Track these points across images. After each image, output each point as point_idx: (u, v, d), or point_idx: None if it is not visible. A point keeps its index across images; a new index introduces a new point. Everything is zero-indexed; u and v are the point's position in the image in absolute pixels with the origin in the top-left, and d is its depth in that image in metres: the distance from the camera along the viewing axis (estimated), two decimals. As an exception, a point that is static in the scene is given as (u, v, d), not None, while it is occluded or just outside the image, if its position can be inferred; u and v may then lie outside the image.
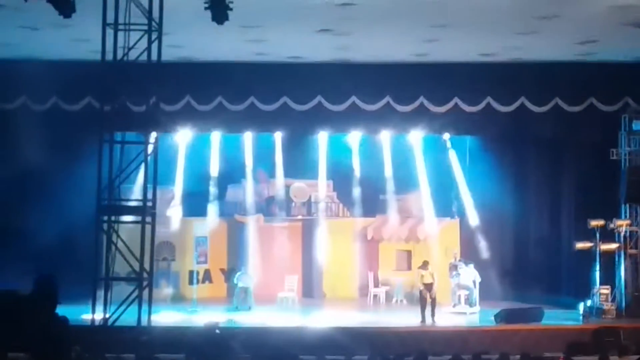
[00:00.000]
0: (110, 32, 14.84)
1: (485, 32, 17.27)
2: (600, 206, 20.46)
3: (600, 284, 19.76)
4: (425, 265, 19.27)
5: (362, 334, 16.64)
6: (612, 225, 20.00)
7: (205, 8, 13.05)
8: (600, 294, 19.68)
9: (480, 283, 20.26)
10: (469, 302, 20.15)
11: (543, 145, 22.09)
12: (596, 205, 20.59)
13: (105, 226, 14.93)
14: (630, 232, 20.26)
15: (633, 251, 20.30)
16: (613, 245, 20.08)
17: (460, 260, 20.97)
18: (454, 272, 20.62)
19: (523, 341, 15.70)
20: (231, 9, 13.05)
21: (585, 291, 19.87)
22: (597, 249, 19.83)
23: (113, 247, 14.66)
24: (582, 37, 17.63)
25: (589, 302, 19.54)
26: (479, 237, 22.45)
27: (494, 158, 22.68)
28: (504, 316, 18.39)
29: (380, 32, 17.37)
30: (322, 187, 23.49)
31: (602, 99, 19.62)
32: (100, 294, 14.81)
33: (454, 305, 20.29)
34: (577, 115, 19.91)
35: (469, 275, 20.31)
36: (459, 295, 20.34)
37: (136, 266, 14.88)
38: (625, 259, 20.20)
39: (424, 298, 18.69)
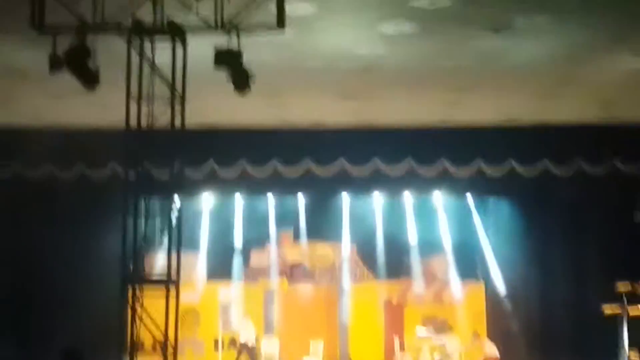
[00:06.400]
0: (133, 100, 14.93)
1: (506, 95, 17.32)
2: (626, 268, 20.27)
3: (629, 348, 19.49)
4: None
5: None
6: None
7: (228, 80, 13.02)
8: (629, 359, 19.41)
9: (504, 349, 19.91)
10: None
11: (567, 207, 21.91)
12: (622, 267, 20.39)
13: (129, 296, 14.88)
14: (658, 295, 20.04)
15: (662, 315, 20.05)
16: (642, 309, 19.86)
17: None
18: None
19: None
20: (253, 82, 13.03)
21: (613, 356, 19.60)
22: (626, 313, 19.58)
23: (137, 318, 14.57)
24: (601, 99, 17.64)
25: (618, 367, 19.31)
26: (505, 301, 22.22)
27: (518, 220, 22.53)
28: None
29: (402, 96, 17.45)
30: (345, 251, 23.42)
31: (624, 161, 19.54)
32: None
33: None
34: (600, 177, 19.82)
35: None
36: None
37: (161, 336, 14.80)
38: (654, 322, 19.95)
39: None
